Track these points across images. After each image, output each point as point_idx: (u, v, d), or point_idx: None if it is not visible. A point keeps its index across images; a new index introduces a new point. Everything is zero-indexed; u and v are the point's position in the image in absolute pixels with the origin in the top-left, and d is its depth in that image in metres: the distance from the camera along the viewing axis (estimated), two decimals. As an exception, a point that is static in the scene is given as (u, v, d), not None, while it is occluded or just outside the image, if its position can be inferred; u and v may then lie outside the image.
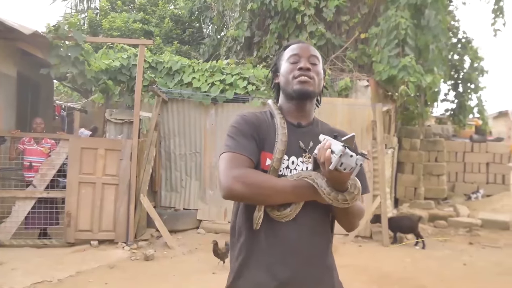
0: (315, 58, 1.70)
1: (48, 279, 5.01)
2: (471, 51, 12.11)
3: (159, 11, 13.87)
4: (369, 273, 5.77)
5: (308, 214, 1.59)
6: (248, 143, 1.61)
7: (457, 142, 12.20)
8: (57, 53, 6.77)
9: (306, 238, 1.61)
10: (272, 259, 1.58)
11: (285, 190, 1.52)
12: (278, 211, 1.56)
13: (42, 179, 6.47)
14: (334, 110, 7.71)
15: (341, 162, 1.32)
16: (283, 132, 1.63)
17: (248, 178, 1.51)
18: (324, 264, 1.66)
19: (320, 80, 1.70)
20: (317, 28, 8.77)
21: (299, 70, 1.65)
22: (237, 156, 1.57)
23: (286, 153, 1.63)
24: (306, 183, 1.51)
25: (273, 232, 1.59)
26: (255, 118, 1.70)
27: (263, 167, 1.62)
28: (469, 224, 8.63)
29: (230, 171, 1.52)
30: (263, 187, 1.51)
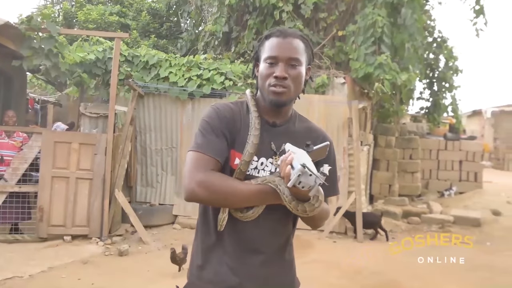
0: (295, 60, 1.60)
1: (19, 274, 4.94)
2: (446, 50, 12.32)
3: (136, 4, 13.72)
4: (342, 268, 5.84)
5: (270, 214, 1.60)
6: (218, 141, 1.58)
7: (431, 140, 12.39)
8: (30, 45, 6.63)
9: (267, 237, 1.65)
10: (234, 257, 1.62)
11: (249, 196, 1.51)
12: (241, 213, 1.58)
13: (13, 173, 6.33)
14: (311, 107, 7.75)
15: (299, 180, 1.31)
16: (255, 134, 1.59)
17: (211, 184, 1.49)
18: (283, 260, 1.71)
19: (299, 84, 1.63)
20: (295, 24, 8.79)
21: (274, 79, 1.58)
22: (204, 157, 1.54)
23: (256, 154, 1.60)
24: (270, 189, 1.50)
25: (235, 231, 1.61)
26: (229, 112, 1.66)
27: (232, 165, 1.61)
28: (441, 221, 8.78)
29: (195, 174, 1.51)
30: (225, 193, 1.50)
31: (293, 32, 1.66)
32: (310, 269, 5.76)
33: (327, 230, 7.42)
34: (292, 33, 1.64)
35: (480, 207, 9.94)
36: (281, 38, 1.61)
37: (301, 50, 1.63)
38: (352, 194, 7.50)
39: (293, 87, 1.60)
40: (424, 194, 11.40)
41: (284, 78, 1.57)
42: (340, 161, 7.74)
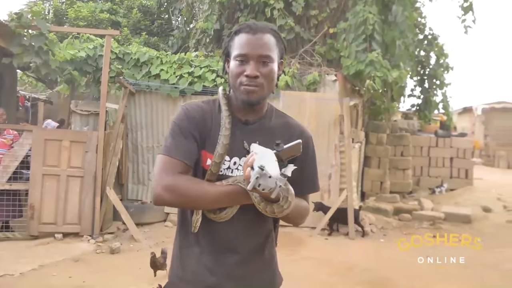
0: (266, 57, 1.56)
1: (10, 272, 4.92)
2: (437, 47, 12.38)
3: (127, 2, 13.64)
4: (334, 265, 5.87)
5: (244, 214, 1.58)
6: (186, 143, 1.56)
7: (423, 137, 12.47)
8: (20, 42, 6.59)
9: (243, 236, 1.63)
10: (211, 257, 1.62)
11: (218, 198, 1.49)
12: (214, 214, 1.57)
13: (4, 171, 6.30)
14: (303, 104, 7.77)
15: (259, 183, 1.27)
16: (225, 134, 1.57)
17: (178, 187, 1.47)
18: (261, 258, 1.70)
19: (271, 81, 1.59)
20: (286, 22, 8.81)
21: (246, 77, 1.54)
22: (172, 161, 1.52)
23: (228, 154, 1.58)
24: (240, 189, 1.48)
25: (210, 232, 1.62)
26: (199, 112, 1.63)
27: (204, 166, 1.59)
28: (432, 218, 8.83)
29: (162, 178, 1.49)
30: (193, 196, 1.48)
31: (263, 26, 1.61)
32: (302, 266, 5.79)
33: (319, 227, 7.45)
34: (262, 28, 1.60)
35: (471, 204, 10.03)
36: (250, 34, 1.57)
37: (272, 45, 1.59)
38: (343, 191, 7.52)
39: (265, 84, 1.57)
40: (415, 191, 11.47)
41: (256, 76, 1.54)
42: (332, 158, 7.78)
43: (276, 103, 7.76)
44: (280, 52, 1.64)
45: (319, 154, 7.24)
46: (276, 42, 1.60)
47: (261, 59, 1.55)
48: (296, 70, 8.13)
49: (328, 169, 7.77)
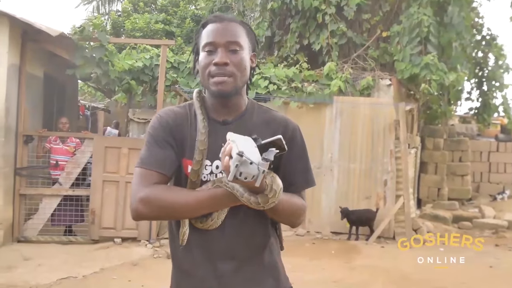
0: (235, 44, 1.45)
1: (73, 275, 5.13)
2: (495, 48, 11.88)
3: (180, 12, 13.98)
4: (389, 274, 5.74)
5: (236, 219, 1.50)
6: (162, 153, 1.47)
7: (482, 142, 12.00)
8: (82, 54, 6.89)
9: (237, 242, 1.53)
10: (205, 267, 1.52)
11: (199, 204, 1.40)
12: (201, 223, 1.47)
13: (67, 177, 6.60)
14: (356, 109, 7.68)
15: (240, 171, 1.16)
16: (201, 139, 1.46)
17: (154, 199, 1.38)
18: (260, 265, 1.58)
19: (243, 69, 1.47)
20: (338, 27, 8.73)
21: (214, 66, 1.43)
22: (147, 173, 1.43)
23: (208, 158, 1.48)
24: (221, 191, 1.39)
25: (202, 242, 1.52)
26: (172, 118, 1.53)
27: (187, 174, 1.50)
28: (495, 226, 8.48)
29: (137, 191, 1.40)
30: (172, 206, 1.40)
31: (231, 17, 1.53)
32: (357, 274, 5.70)
33: (375, 234, 7.30)
34: (230, 17, 1.52)
35: (537, 211, 9.53)
36: (217, 23, 1.48)
37: (240, 33, 1.48)
38: (400, 198, 7.36)
39: (237, 73, 1.45)
40: (475, 198, 11.03)
41: (225, 64, 1.43)
42: (387, 164, 7.62)
43: (330, 109, 7.72)
44: (252, 43, 1.54)
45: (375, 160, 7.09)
46: (246, 32, 1.51)
47: (230, 47, 1.44)
48: (349, 75, 8.04)
49: (384, 175, 7.62)
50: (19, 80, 6.41)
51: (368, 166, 7.68)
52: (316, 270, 5.71)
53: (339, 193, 7.73)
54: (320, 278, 5.39)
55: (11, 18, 5.99)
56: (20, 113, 6.43)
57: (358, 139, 7.68)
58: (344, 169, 7.78)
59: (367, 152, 7.69)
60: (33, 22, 6.08)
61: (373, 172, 7.68)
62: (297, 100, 7.83)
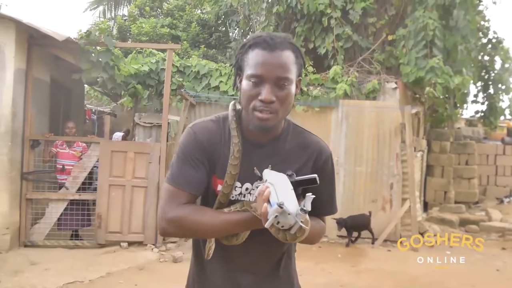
0: (285, 79, 1.39)
1: (80, 279, 5.14)
2: (502, 51, 11.85)
3: (186, 16, 14.01)
4: (397, 277, 5.72)
5: (259, 237, 1.49)
6: (194, 173, 1.46)
7: (488, 145, 11.94)
8: (88, 58, 6.92)
9: (257, 260, 1.59)
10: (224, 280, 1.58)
11: (228, 227, 1.42)
12: (226, 240, 1.50)
13: (74, 182, 6.62)
14: (362, 113, 7.67)
15: (278, 221, 1.19)
16: (234, 163, 1.46)
17: (183, 222, 1.41)
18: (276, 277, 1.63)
19: (288, 105, 1.43)
20: (343, 30, 8.73)
21: (260, 102, 1.38)
22: (177, 192, 1.44)
23: (239, 180, 1.49)
24: (249, 216, 1.40)
25: (224, 256, 1.57)
26: (208, 136, 1.51)
27: (215, 191, 1.51)
28: (501, 229, 8.42)
29: (166, 211, 1.42)
30: (200, 229, 1.42)
31: (282, 41, 1.43)
32: (364, 277, 5.69)
33: (381, 238, 7.28)
34: (281, 43, 1.41)
35: (543, 214, 9.47)
36: (267, 51, 1.39)
37: (291, 65, 1.42)
38: (406, 201, 7.34)
39: (281, 110, 1.41)
40: (481, 201, 10.96)
41: (271, 102, 1.38)
42: (393, 167, 7.60)
43: (335, 112, 7.72)
44: (299, 69, 1.48)
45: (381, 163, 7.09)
46: (295, 59, 1.44)
47: (278, 82, 1.39)
48: (355, 78, 8.03)
49: (390, 178, 7.60)
50: (26, 85, 6.45)
51: (374, 169, 7.66)
52: (323, 274, 5.69)
53: (345, 196, 7.71)
54: (327, 282, 5.37)
55: (17, 22, 6.03)
56: (27, 118, 6.46)
57: (364, 142, 7.66)
58: (350, 173, 7.77)
59: (373, 156, 7.67)
60: (39, 27, 6.12)
61: (379, 175, 7.66)
62: (303, 103, 7.83)
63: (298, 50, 1.47)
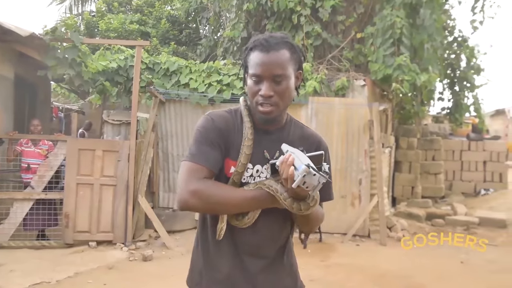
0: (279, 76, 1.57)
1: (46, 280, 5.04)
2: (467, 49, 12.15)
3: (156, 12, 13.89)
4: (366, 272, 5.81)
5: (267, 220, 1.63)
6: (212, 151, 1.60)
7: (454, 141, 12.22)
8: (54, 55, 6.78)
9: (266, 242, 1.68)
10: (233, 264, 1.65)
11: (243, 203, 1.54)
12: (237, 220, 1.61)
13: (40, 181, 6.48)
14: (331, 110, 7.74)
15: (304, 181, 1.33)
16: (248, 144, 1.62)
17: (204, 193, 1.51)
18: (282, 264, 1.74)
19: (287, 97, 1.62)
20: (313, 28, 8.80)
21: (261, 97, 1.58)
22: (197, 168, 1.55)
23: (251, 162, 1.63)
24: (264, 192, 1.53)
25: (233, 238, 1.65)
26: (223, 123, 1.67)
27: (227, 174, 1.64)
28: (466, 223, 8.65)
29: (188, 184, 1.52)
30: (219, 202, 1.52)
31: (278, 41, 1.60)
32: (333, 272, 5.75)
33: (350, 233, 7.38)
34: (276, 44, 1.59)
35: (506, 208, 9.75)
36: (264, 52, 1.58)
37: (286, 62, 1.59)
38: (374, 197, 7.45)
39: (280, 102, 1.60)
40: (447, 196, 11.24)
41: (270, 96, 1.57)
42: (362, 164, 7.71)
43: (305, 109, 7.77)
44: (297, 63, 1.66)
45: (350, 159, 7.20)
46: (290, 56, 1.62)
47: (275, 79, 1.57)
48: (324, 76, 8.10)
49: (359, 174, 7.71)
50: (-11, 82, 6.28)
51: (343, 165, 7.76)
52: (293, 270, 5.73)
53: (315, 193, 7.78)
54: (297, 278, 5.41)
55: (-21, 18, 5.85)
56: (-10, 116, 6.30)
57: (333, 139, 7.74)
58: (319, 169, 7.82)
59: (342, 152, 7.76)
60: (2, 22, 5.96)
61: (348, 171, 7.76)
62: (273, 101, 7.84)
63: (294, 47, 1.65)
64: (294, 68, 1.63)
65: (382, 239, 7.24)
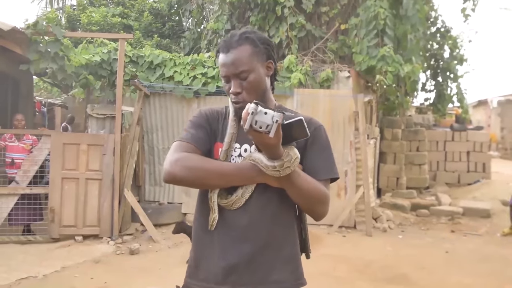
0: (243, 72, 1.60)
1: (33, 274, 5.01)
2: (450, 40, 12.27)
3: (138, 5, 13.77)
4: (351, 262, 5.86)
5: (259, 201, 1.60)
6: (198, 132, 1.66)
7: (438, 132, 12.37)
8: (36, 49, 6.70)
9: (258, 225, 1.60)
10: (223, 245, 1.61)
11: (227, 172, 1.55)
12: (226, 199, 1.60)
13: (24, 175, 6.42)
14: (316, 101, 7.77)
15: (255, 120, 1.28)
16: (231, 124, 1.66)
17: (188, 161, 1.53)
18: (279, 253, 1.65)
19: (257, 88, 1.63)
20: (297, 19, 8.81)
21: (232, 94, 1.64)
22: (183, 144, 1.61)
23: (238, 142, 1.66)
24: (247, 163, 1.54)
25: (223, 220, 1.62)
26: (213, 113, 1.75)
27: (216, 157, 1.65)
28: (450, 213, 8.78)
29: (172, 156, 1.56)
30: (203, 169, 1.53)
31: (237, 39, 1.63)
32: (319, 263, 5.79)
33: (336, 224, 7.44)
34: (236, 41, 1.63)
35: (489, 198, 9.92)
36: (224, 53, 1.63)
37: (247, 57, 1.61)
38: (360, 188, 7.51)
39: (250, 95, 1.61)
40: (432, 186, 11.38)
41: (238, 93, 1.62)
42: (347, 155, 7.76)
43: (290, 101, 7.78)
44: (263, 54, 1.66)
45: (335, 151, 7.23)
46: (253, 50, 1.63)
47: (239, 75, 1.61)
48: (309, 67, 8.12)
49: (344, 166, 7.76)
50: (-30, 76, 6.19)
51: (329, 157, 7.78)
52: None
53: (301, 184, 7.82)
54: (284, 268, 5.44)
55: (-41, 11, 5.75)
56: (-28, 110, 6.21)
57: (318, 130, 7.78)
58: (305, 161, 7.86)
59: (327, 144, 7.79)
60: (-17, 16, 5.86)
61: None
62: (258, 93, 7.85)
63: (256, 41, 1.65)
64: (259, 60, 1.65)
65: (368, 230, 7.31)
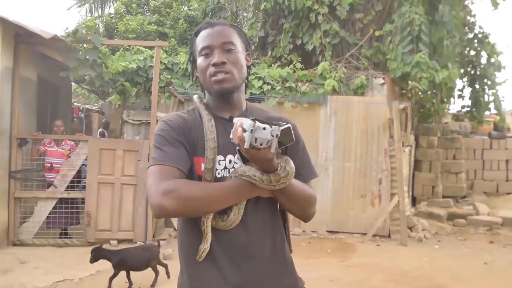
0: (229, 43, 1.53)
1: (69, 277, 5.13)
2: (488, 46, 11.96)
3: (173, 13, 13.95)
4: (387, 271, 5.76)
5: (256, 214, 1.52)
6: (176, 151, 1.47)
7: (475, 139, 12.05)
8: (76, 56, 6.89)
9: (258, 240, 1.54)
10: (224, 266, 1.50)
11: (223, 195, 1.41)
12: (223, 221, 1.47)
13: (62, 180, 6.59)
14: (350, 109, 7.71)
15: (255, 137, 1.21)
16: (211, 137, 1.50)
17: (180, 191, 1.35)
18: (280, 262, 1.61)
19: (240, 67, 1.55)
20: (331, 26, 8.76)
21: (213, 66, 1.50)
22: (165, 168, 1.42)
23: (221, 153, 1.52)
24: (241, 181, 1.41)
25: (218, 241, 1.50)
26: (182, 121, 1.56)
27: (198, 173, 1.51)
28: (489, 223, 8.52)
29: (158, 185, 1.37)
30: (199, 198, 1.38)
31: (221, 21, 1.62)
32: (354, 272, 5.73)
33: (370, 233, 7.34)
34: (220, 22, 1.61)
35: (529, 208, 9.59)
36: (209, 28, 1.57)
37: (232, 34, 1.57)
38: (395, 196, 7.39)
39: (235, 70, 1.53)
40: (469, 195, 11.08)
41: (223, 63, 1.50)
42: (382, 163, 7.66)
43: (324, 108, 7.75)
44: (244, 43, 1.62)
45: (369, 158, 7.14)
46: (237, 33, 1.60)
47: (225, 47, 1.53)
48: (343, 74, 8.07)
49: (379, 173, 7.66)
50: (13, 83, 6.41)
51: (362, 165, 7.72)
52: (313, 269, 5.73)
53: (334, 192, 7.77)
54: (317, 277, 5.40)
55: (3, 20, 5.98)
56: (14, 116, 6.42)
57: (352, 138, 7.71)
58: (339, 168, 7.82)
59: (361, 151, 7.72)
60: (25, 25, 6.07)
61: (368, 170, 7.72)
62: (291, 100, 7.86)
63: (239, 29, 1.64)
64: (242, 46, 1.60)
65: (403, 239, 7.17)
